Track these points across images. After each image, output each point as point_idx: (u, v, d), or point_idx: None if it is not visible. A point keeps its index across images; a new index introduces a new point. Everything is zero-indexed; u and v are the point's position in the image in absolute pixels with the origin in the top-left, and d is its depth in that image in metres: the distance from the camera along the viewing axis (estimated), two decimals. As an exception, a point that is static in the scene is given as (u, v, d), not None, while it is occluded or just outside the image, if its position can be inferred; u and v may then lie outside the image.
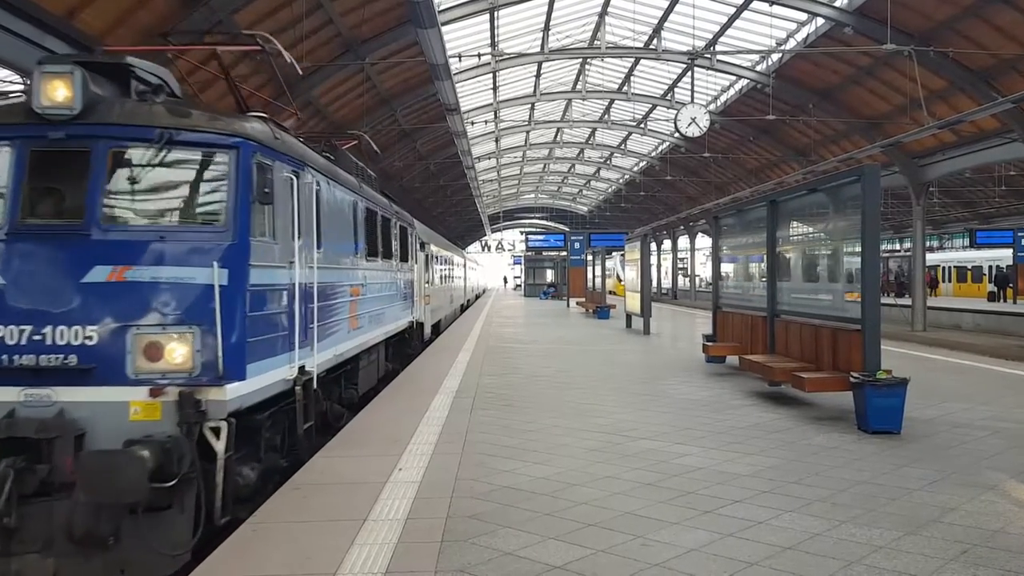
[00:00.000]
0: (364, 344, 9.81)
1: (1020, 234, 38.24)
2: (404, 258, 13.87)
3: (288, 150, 6.52)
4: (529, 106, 35.90)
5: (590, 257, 31.73)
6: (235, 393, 5.29)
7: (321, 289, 7.30)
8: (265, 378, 5.85)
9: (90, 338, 5.13)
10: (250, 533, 4.68)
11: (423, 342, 17.02)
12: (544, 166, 57.35)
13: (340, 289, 8.28)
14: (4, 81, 13.39)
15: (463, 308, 35.26)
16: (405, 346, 14.59)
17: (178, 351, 5.24)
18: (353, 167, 10.35)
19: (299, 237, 6.59)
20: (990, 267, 41.90)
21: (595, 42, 26.78)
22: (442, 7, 20.60)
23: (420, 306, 16.36)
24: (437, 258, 21.60)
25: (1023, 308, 31.34)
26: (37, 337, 5.08)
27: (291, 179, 6.49)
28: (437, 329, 21.20)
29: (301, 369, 6.59)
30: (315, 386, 6.93)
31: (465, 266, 36.71)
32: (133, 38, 13.91)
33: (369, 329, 10.10)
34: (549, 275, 53.35)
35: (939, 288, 44.86)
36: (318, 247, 7.24)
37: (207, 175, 5.75)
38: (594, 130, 42.27)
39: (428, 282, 18.35)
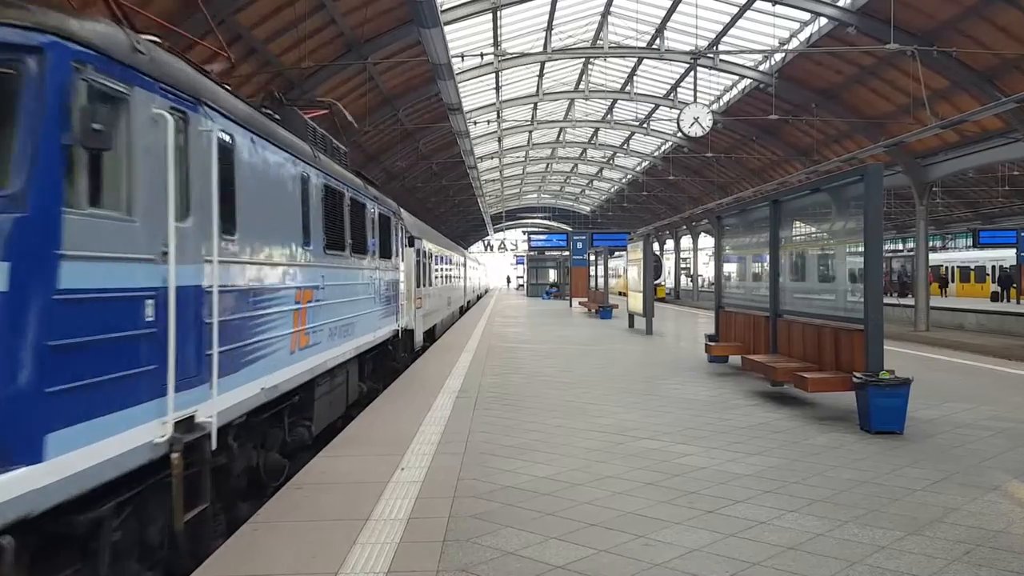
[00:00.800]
0: (321, 365, 7.68)
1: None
2: (386, 254, 11.56)
3: (163, 74, 4.31)
4: (532, 106, 35.89)
5: (592, 257, 31.72)
6: (15, 489, 3.13)
7: (233, 294, 5.19)
8: (95, 451, 3.60)
9: None
10: (252, 533, 4.69)
11: (413, 353, 15.03)
12: (547, 166, 57.37)
13: (275, 294, 6.14)
14: None
15: (463, 310, 33.82)
16: (389, 359, 12.56)
17: None
18: (307, 131, 8.00)
19: (186, 214, 4.50)
20: (993, 267, 41.84)
21: (598, 42, 26.80)
22: (444, 7, 20.61)
23: (409, 311, 14.43)
24: (431, 255, 19.51)
25: (1026, 308, 31.30)
26: None
27: (168, 120, 4.23)
28: (432, 336, 19.35)
29: (185, 423, 4.42)
30: (215, 444, 4.76)
31: (465, 265, 35.54)
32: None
33: (330, 345, 8.01)
34: (552, 275, 53.35)
35: (946, 287, 44.88)
36: (228, 232, 5.16)
37: None
38: (597, 130, 42.28)
39: (420, 283, 16.27)
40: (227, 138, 5.23)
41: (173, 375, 4.25)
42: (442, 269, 23.14)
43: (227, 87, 5.83)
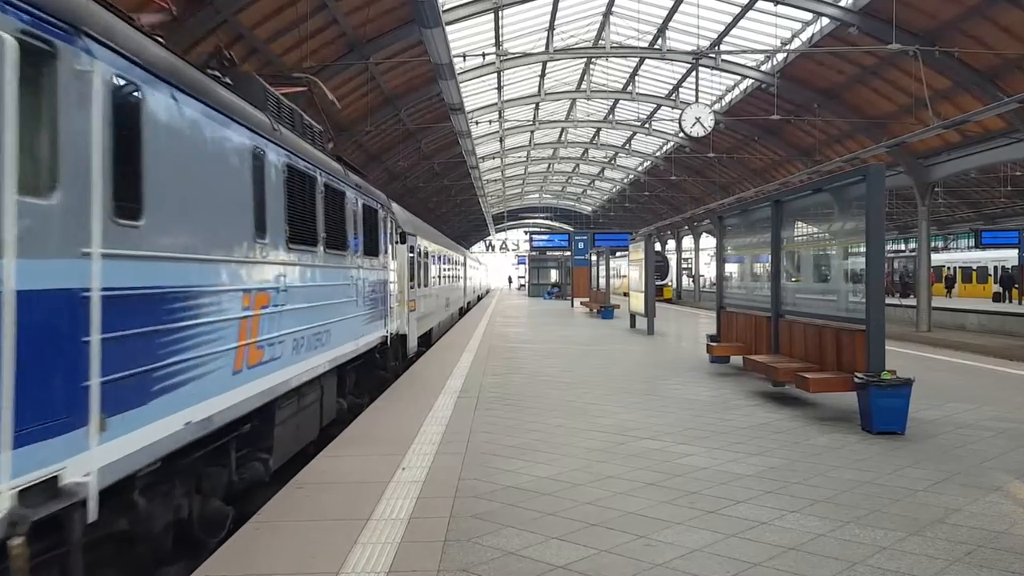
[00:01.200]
0: (283, 384, 6.35)
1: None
2: (372, 251, 10.24)
3: None
4: (533, 106, 35.91)
5: (594, 257, 31.71)
6: None
7: (134, 301, 3.91)
8: None
9: None
10: (253, 532, 4.69)
11: (405, 360, 13.71)
12: (548, 166, 57.40)
13: (207, 299, 4.77)
14: None
15: (462, 312, 32.77)
16: (379, 367, 11.33)
17: None
18: (267, 99, 6.62)
19: (50, 186, 3.28)
20: (995, 268, 41.80)
21: (600, 42, 26.81)
22: (446, 6, 20.63)
23: (401, 314, 13.23)
24: (427, 254, 18.14)
25: (1029, 309, 31.24)
26: None
27: (8, 46, 3.01)
28: (428, 340, 18.05)
29: (42, 488, 3.18)
30: (95, 514, 3.47)
31: (465, 265, 34.72)
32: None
33: (296, 358, 6.70)
34: (553, 275, 53.37)
35: (952, 289, 44.82)
36: (130, 214, 3.88)
37: None
38: (598, 130, 42.29)
39: (414, 283, 14.88)
40: (130, 88, 3.90)
41: (11, 422, 2.97)
42: (439, 268, 21.78)
43: (159, 39, 4.64)
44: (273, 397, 6.13)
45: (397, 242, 13.32)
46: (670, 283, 51.37)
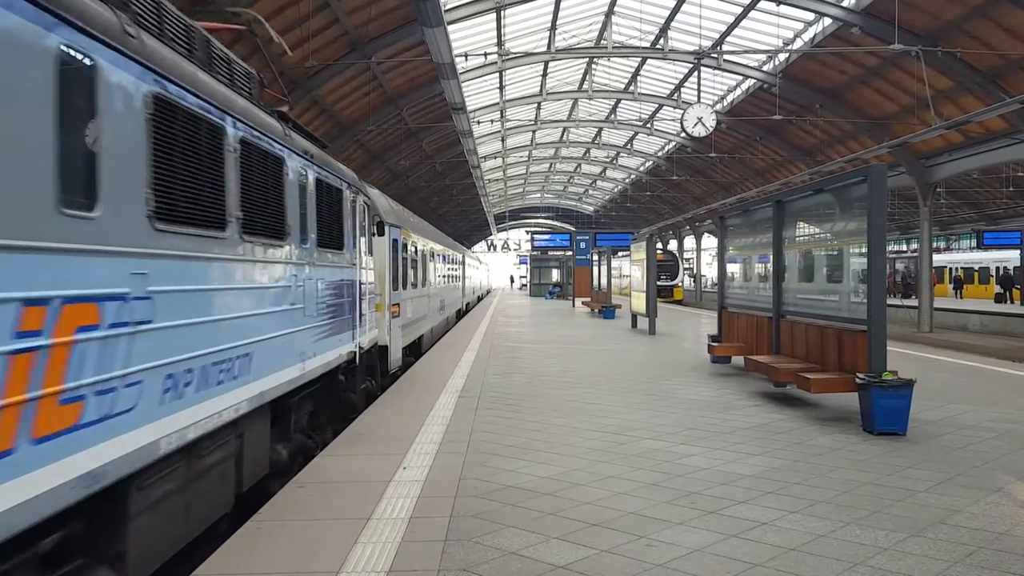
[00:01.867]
0: (140, 453, 3.86)
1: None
2: (331, 243, 7.96)
3: None
4: (535, 105, 35.92)
5: (596, 257, 31.71)
6: None
7: None
8: None
9: None
10: (254, 530, 4.69)
11: (386, 376, 11.60)
12: (550, 165, 57.42)
13: None
14: None
15: (460, 314, 30.70)
16: (347, 390, 9.16)
17: None
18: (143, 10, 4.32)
19: None
20: (997, 268, 41.77)
21: (601, 41, 26.82)
22: (448, 6, 20.64)
23: (380, 322, 11.40)
24: (417, 250, 16.05)
25: (1030, 310, 31.20)
26: None
27: None
28: (418, 349, 15.91)
29: None
30: None
31: (464, 264, 33.06)
32: None
33: (173, 405, 4.24)
34: (555, 275, 53.36)
35: (947, 289, 44.67)
36: None
37: None
38: (600, 130, 42.31)
39: (398, 284, 12.82)
40: None
41: None
42: (433, 267, 19.54)
43: None
44: (119, 477, 3.72)
45: (374, 234, 11.25)
46: (680, 284, 50.89)
